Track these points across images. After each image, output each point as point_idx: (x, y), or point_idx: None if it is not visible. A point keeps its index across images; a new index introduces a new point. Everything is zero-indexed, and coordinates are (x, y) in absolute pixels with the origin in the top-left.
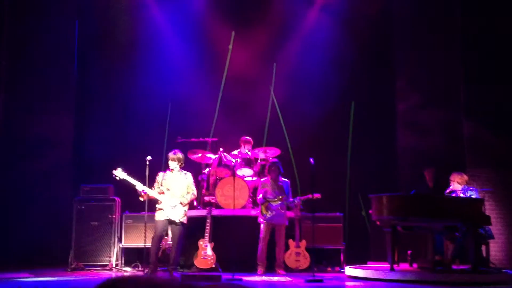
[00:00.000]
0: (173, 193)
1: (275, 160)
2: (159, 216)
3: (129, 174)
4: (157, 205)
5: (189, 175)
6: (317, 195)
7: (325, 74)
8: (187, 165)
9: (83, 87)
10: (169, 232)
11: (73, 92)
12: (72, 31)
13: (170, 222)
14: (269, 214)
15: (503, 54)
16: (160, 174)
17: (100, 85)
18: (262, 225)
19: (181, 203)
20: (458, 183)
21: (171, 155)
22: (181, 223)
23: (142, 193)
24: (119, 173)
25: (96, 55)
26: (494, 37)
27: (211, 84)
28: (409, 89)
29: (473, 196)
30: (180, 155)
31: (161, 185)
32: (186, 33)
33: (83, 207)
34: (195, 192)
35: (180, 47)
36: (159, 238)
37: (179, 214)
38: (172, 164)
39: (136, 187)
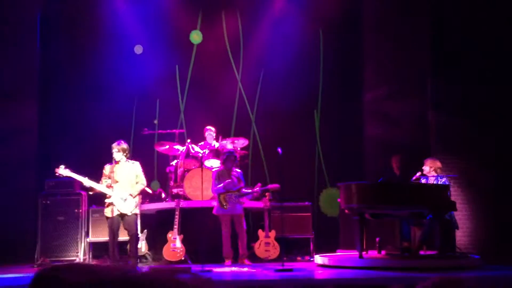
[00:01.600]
0: (122, 185)
1: (231, 149)
2: (109, 212)
3: (98, 164)
4: (106, 200)
5: (136, 164)
6: (273, 186)
7: (292, 63)
8: (154, 157)
9: (47, 72)
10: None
11: (36, 76)
12: (36, 12)
13: (122, 215)
14: (228, 205)
15: (470, 44)
16: (107, 166)
17: (65, 71)
18: (221, 218)
19: (130, 195)
20: (431, 167)
21: (115, 146)
22: (133, 214)
23: (89, 188)
24: (62, 171)
25: (60, 38)
26: (461, 28)
27: (179, 73)
28: (376, 79)
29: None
30: (124, 145)
31: (109, 178)
32: (152, 20)
33: (48, 202)
34: (145, 182)
35: (146, 34)
36: (114, 236)
37: (130, 207)
38: (118, 156)
39: (83, 183)
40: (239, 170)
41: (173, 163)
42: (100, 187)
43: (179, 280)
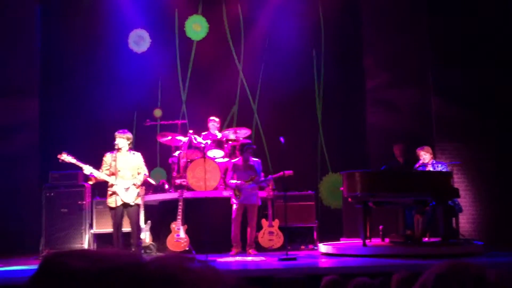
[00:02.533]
0: (124, 174)
1: (249, 141)
2: (112, 203)
3: (100, 156)
4: (109, 189)
5: (138, 155)
6: (288, 172)
7: (294, 52)
8: (157, 149)
9: (48, 66)
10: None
11: (37, 71)
12: (35, 6)
13: (125, 205)
14: (241, 195)
15: (470, 32)
16: (108, 154)
17: (66, 64)
18: (234, 206)
19: (134, 184)
20: (431, 154)
21: (119, 134)
22: (136, 204)
23: (90, 176)
24: (65, 157)
25: (61, 31)
26: (461, 14)
27: (180, 63)
28: (377, 67)
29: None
30: (128, 134)
31: (110, 167)
32: (153, 9)
33: (52, 194)
34: (146, 172)
35: (147, 24)
36: (118, 226)
37: (132, 196)
38: (121, 142)
39: (84, 170)
40: (256, 159)
41: (176, 154)
42: (101, 175)
43: (188, 267)
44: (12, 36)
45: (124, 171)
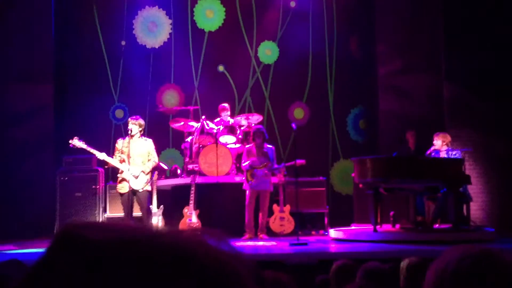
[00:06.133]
0: (134, 161)
1: (260, 126)
2: (122, 188)
3: (112, 142)
4: (119, 175)
5: (149, 141)
6: (300, 162)
7: (306, 38)
8: (169, 135)
9: (62, 54)
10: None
11: (52, 58)
12: None
13: (134, 192)
14: (254, 181)
15: (485, 19)
16: (120, 141)
17: (80, 50)
18: (247, 192)
19: (143, 171)
20: (443, 141)
21: (132, 120)
22: (146, 191)
23: (104, 162)
24: (76, 142)
25: (75, 18)
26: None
27: (192, 49)
28: (390, 53)
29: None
30: (141, 121)
31: (122, 153)
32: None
33: (66, 178)
34: (156, 159)
35: (161, 13)
36: (128, 212)
37: (142, 183)
38: (135, 128)
39: (97, 156)
40: (270, 146)
41: (188, 139)
42: (113, 161)
43: (206, 241)
44: (27, 22)
45: (135, 158)
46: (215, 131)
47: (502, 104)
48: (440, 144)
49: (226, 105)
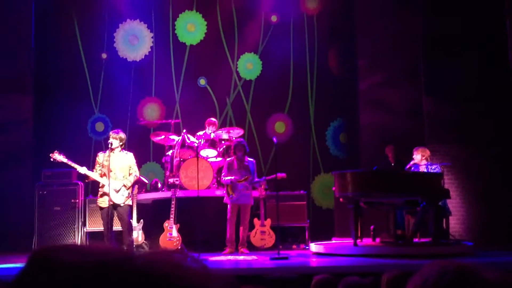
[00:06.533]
0: (115, 174)
1: (241, 139)
2: (103, 203)
3: (92, 156)
4: (100, 189)
5: (130, 155)
6: (281, 175)
7: (287, 52)
8: (150, 148)
9: (42, 66)
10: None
11: (31, 70)
12: (30, 4)
13: (115, 206)
14: (234, 195)
15: (464, 33)
16: (100, 154)
17: (61, 62)
18: (228, 206)
19: (124, 185)
20: (423, 156)
21: (112, 133)
22: (126, 205)
23: (85, 175)
24: (57, 156)
25: (56, 30)
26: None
27: (174, 62)
28: (370, 67)
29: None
30: (122, 134)
31: (103, 167)
32: (147, 10)
33: (45, 192)
34: (138, 173)
35: (143, 26)
36: (108, 226)
37: (123, 197)
38: (115, 142)
39: (78, 170)
40: (251, 159)
41: (169, 153)
42: (94, 175)
43: (178, 263)
44: (6, 33)
45: (116, 171)
46: (196, 144)
47: (481, 119)
48: (419, 159)
49: (214, 120)
